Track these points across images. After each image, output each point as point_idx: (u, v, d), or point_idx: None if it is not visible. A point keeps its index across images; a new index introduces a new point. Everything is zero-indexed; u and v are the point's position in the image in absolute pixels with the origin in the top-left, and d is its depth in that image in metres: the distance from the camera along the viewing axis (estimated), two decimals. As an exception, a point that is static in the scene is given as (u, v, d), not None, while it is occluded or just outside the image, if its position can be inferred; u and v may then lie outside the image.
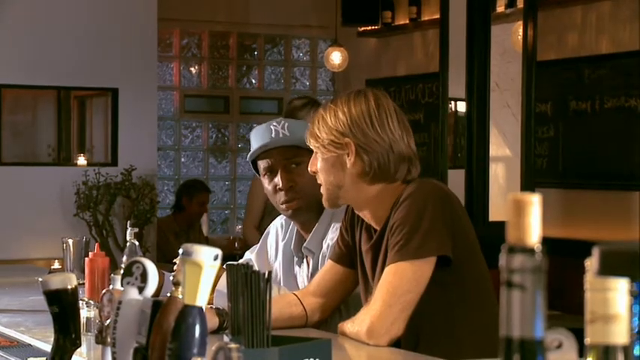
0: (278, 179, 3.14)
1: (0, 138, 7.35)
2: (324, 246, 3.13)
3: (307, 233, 3.19)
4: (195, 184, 7.89)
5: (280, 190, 3.14)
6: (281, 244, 3.32)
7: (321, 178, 2.77)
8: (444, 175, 7.04)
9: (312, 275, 3.16)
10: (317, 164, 2.78)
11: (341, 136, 2.70)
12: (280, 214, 3.33)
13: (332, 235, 3.11)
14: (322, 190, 2.78)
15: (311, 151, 3.06)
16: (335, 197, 2.77)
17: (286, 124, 3.16)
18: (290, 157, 3.14)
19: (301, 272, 3.23)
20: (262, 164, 3.18)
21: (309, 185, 3.08)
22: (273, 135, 3.16)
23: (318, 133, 2.74)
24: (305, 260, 3.24)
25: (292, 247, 3.27)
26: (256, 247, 3.42)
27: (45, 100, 7.61)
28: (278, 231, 3.36)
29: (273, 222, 3.41)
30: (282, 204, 3.16)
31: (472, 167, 6.96)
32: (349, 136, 2.70)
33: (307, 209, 3.15)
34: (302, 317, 2.87)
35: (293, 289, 3.16)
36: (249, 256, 3.40)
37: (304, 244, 3.18)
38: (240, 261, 3.37)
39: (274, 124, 3.18)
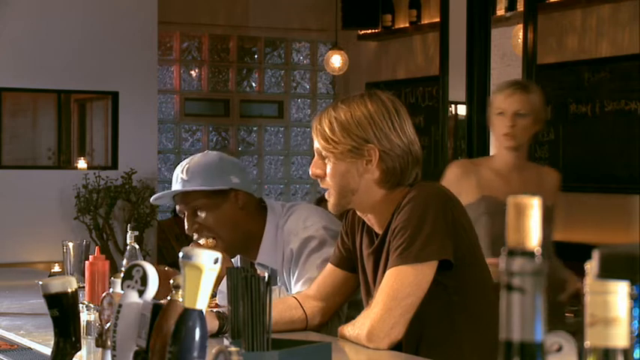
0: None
1: (0, 141, 7.36)
2: (287, 252, 3.16)
3: (253, 253, 3.23)
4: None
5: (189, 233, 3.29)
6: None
7: (328, 183, 2.72)
8: (445, 179, 7.04)
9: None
10: (324, 168, 2.72)
11: (364, 142, 2.65)
12: None
13: (288, 239, 3.15)
14: (330, 194, 2.74)
15: (209, 193, 3.16)
16: (346, 203, 2.74)
17: (187, 167, 3.26)
18: (189, 202, 3.25)
19: None
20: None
21: (217, 228, 3.21)
22: (175, 180, 3.28)
23: (334, 137, 2.67)
24: None
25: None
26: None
27: (45, 103, 7.62)
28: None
29: None
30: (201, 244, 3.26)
31: (472, 170, 6.95)
32: (373, 142, 2.65)
33: (229, 249, 3.22)
34: (302, 320, 2.87)
35: None
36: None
37: (256, 261, 3.22)
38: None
39: (180, 167, 3.30)
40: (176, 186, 3.25)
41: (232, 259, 3.39)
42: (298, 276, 3.14)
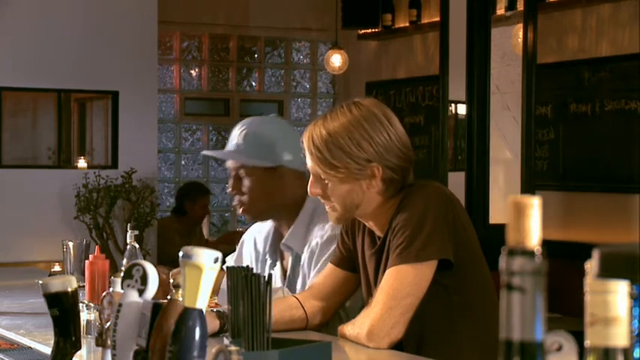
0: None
1: (0, 140, 7.36)
2: (313, 243, 3.14)
3: (285, 231, 3.22)
4: (197, 187, 7.88)
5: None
6: (260, 253, 3.34)
7: (331, 200, 2.71)
8: (445, 178, 7.05)
9: (291, 275, 3.18)
10: (323, 187, 2.71)
11: (367, 162, 2.65)
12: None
13: (320, 233, 3.13)
14: (333, 209, 2.73)
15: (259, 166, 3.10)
16: (350, 216, 2.74)
17: (244, 132, 3.22)
18: (236, 166, 3.23)
19: (274, 275, 3.23)
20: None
21: (252, 197, 3.18)
22: (231, 139, 3.25)
23: (335, 162, 2.65)
24: (279, 263, 3.26)
25: (267, 248, 3.28)
26: (234, 255, 3.43)
27: (45, 102, 7.62)
28: (256, 239, 3.37)
29: (249, 229, 3.44)
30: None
31: (472, 170, 6.96)
32: (376, 160, 2.65)
33: (257, 216, 3.24)
34: (303, 320, 2.87)
35: None
36: (230, 262, 3.39)
37: (282, 241, 3.20)
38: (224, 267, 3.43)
39: (238, 127, 3.26)
40: (229, 147, 3.24)
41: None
42: (315, 273, 3.11)
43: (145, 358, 1.72)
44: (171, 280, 1.74)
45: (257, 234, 3.37)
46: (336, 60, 8.24)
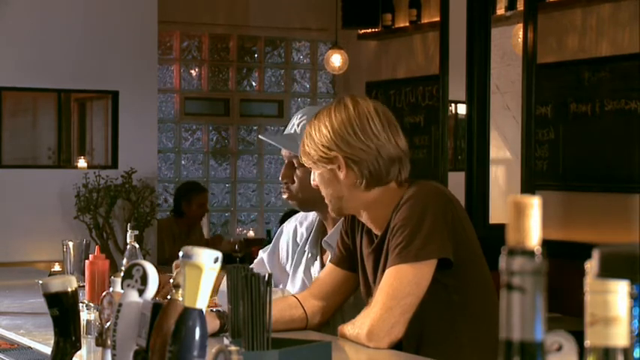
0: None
1: (0, 140, 7.36)
2: None
3: (330, 227, 3.19)
4: (192, 186, 7.88)
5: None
6: (299, 245, 3.31)
7: (322, 192, 2.81)
8: (445, 178, 7.05)
9: None
10: (316, 179, 2.82)
11: (328, 150, 2.73)
12: (297, 213, 3.38)
13: None
14: (327, 202, 2.82)
15: None
16: (339, 208, 2.80)
17: (303, 123, 3.17)
18: (292, 155, 3.18)
19: (313, 270, 3.22)
20: None
21: (301, 186, 3.13)
22: (289, 127, 3.22)
23: (308, 150, 2.77)
24: (319, 258, 3.23)
25: (309, 242, 3.26)
26: (269, 247, 3.42)
27: (45, 102, 7.62)
28: (297, 229, 3.35)
29: (287, 222, 3.42)
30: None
31: (472, 170, 6.96)
32: (335, 149, 2.72)
33: (301, 204, 3.20)
34: (302, 320, 2.87)
35: (302, 288, 3.17)
36: (262, 255, 3.40)
37: (324, 238, 3.17)
38: (255, 261, 3.41)
39: (299, 114, 3.22)
40: (287, 131, 3.22)
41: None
42: None
43: (145, 358, 1.72)
44: (172, 280, 1.74)
45: (298, 224, 3.34)
46: (336, 60, 8.25)
